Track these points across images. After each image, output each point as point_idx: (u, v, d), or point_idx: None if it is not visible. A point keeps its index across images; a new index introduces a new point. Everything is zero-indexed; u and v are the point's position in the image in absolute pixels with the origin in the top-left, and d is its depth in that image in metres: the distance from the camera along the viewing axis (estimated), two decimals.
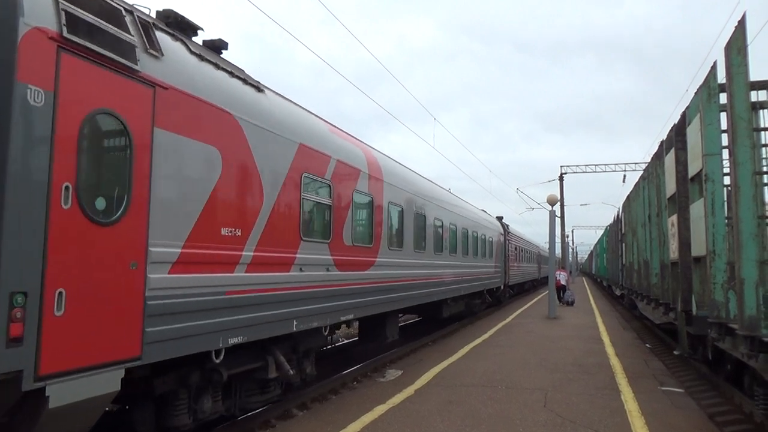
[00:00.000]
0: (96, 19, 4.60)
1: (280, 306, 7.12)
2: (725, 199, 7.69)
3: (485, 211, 25.53)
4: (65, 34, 4.26)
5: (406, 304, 12.49)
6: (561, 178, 49.26)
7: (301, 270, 7.58)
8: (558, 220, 46.02)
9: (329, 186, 8.56)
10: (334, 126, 9.78)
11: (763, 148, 8.54)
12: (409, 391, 9.02)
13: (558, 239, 45.96)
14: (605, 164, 48.14)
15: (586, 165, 48.56)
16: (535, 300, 33.37)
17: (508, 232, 29.39)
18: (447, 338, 16.09)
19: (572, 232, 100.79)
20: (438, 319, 17.08)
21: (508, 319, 21.06)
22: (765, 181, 8.73)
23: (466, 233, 18.68)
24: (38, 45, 4.08)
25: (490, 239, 23.54)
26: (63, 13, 4.28)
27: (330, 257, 8.51)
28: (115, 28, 4.79)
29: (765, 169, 8.52)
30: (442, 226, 15.54)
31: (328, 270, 8.37)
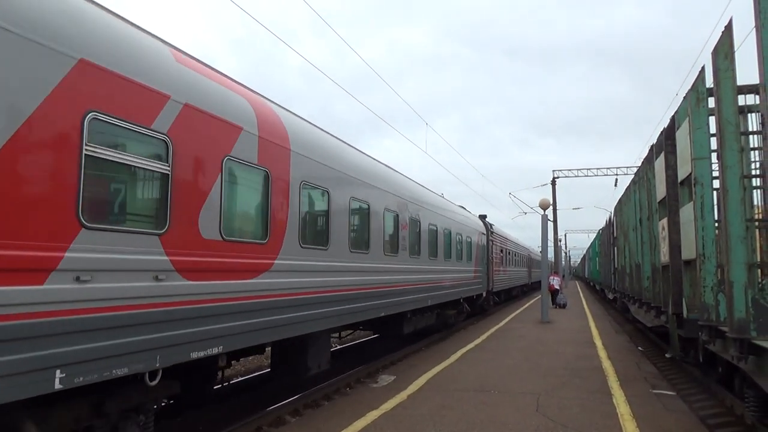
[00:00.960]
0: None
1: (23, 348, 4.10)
2: (714, 202, 7.73)
3: (464, 208, 22.89)
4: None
5: (336, 323, 9.34)
6: (553, 183, 49.49)
7: (78, 280, 4.56)
8: (550, 224, 46.20)
9: (165, 143, 5.58)
10: (192, 57, 6.66)
11: (752, 152, 8.63)
12: (402, 396, 9.00)
13: (551, 243, 46.12)
14: (597, 168, 48.46)
15: (578, 169, 48.89)
16: (528, 305, 33.41)
17: (492, 232, 26.21)
18: (440, 343, 16.08)
19: (565, 236, 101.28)
20: (399, 335, 14.09)
21: (501, 324, 21.07)
22: (754, 184, 8.83)
23: (435, 231, 15.70)
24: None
25: (469, 239, 20.71)
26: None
27: (164, 258, 5.51)
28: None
29: (753, 172, 8.60)
30: (398, 221, 12.49)
31: (158, 279, 5.40)
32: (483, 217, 26.25)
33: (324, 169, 8.96)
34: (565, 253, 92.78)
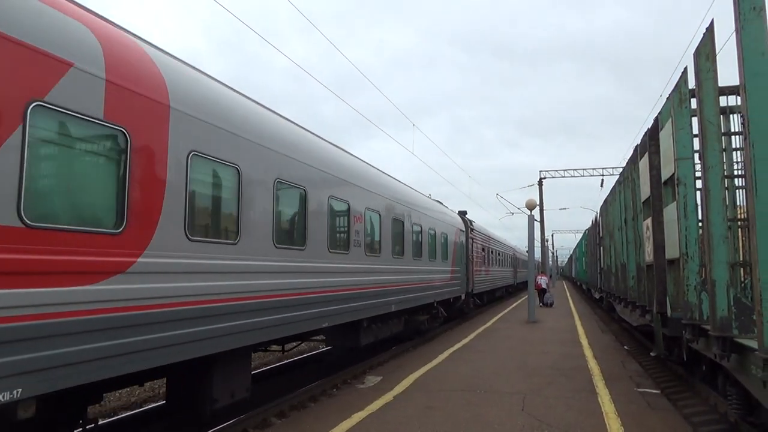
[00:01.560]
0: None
1: None
2: (697, 202, 7.80)
3: (441, 203, 20.90)
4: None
5: (249, 341, 7.07)
6: (540, 183, 49.74)
7: None
8: (537, 225, 46.42)
9: None
10: None
11: (734, 152, 8.72)
12: (388, 397, 8.99)
13: (538, 243, 46.33)
14: (583, 169, 48.76)
15: (564, 170, 49.18)
16: (515, 305, 33.54)
17: (473, 230, 24.24)
18: (427, 344, 16.09)
19: (552, 236, 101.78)
20: (356, 347, 11.92)
21: (489, 324, 21.13)
22: (737, 184, 8.92)
23: (401, 226, 13.72)
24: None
25: (444, 236, 18.64)
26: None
27: None
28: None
29: (735, 172, 8.69)
30: (350, 212, 10.44)
31: None
32: (462, 214, 24.14)
33: (231, 138, 6.92)
34: (552, 253, 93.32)
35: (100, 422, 8.14)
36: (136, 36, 6.05)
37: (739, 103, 8.29)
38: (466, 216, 24.35)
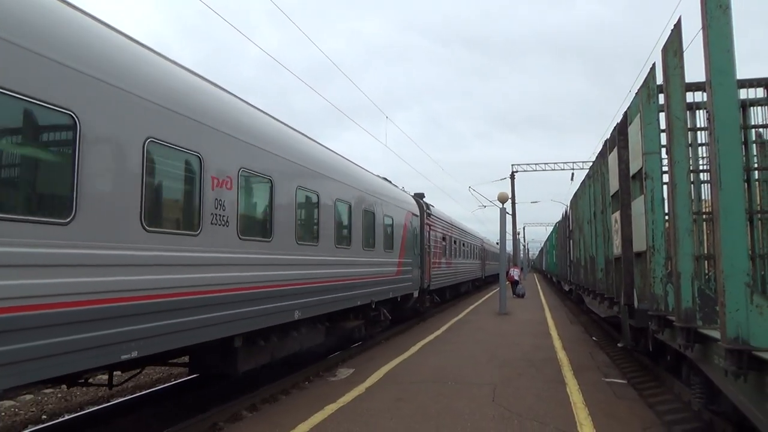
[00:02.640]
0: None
1: None
2: (664, 196, 7.95)
3: (389, 181, 17.28)
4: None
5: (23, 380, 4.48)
6: (512, 177, 50.21)
7: None
8: (509, 218, 46.87)
9: None
10: None
11: (700, 147, 8.91)
12: (360, 389, 9.00)
13: (510, 236, 46.82)
14: (555, 163, 49.41)
15: (536, 164, 49.73)
16: (487, 296, 33.86)
17: (430, 215, 20.84)
18: (399, 336, 16.15)
19: (524, 229, 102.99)
20: (231, 375, 8.48)
21: (460, 316, 21.29)
22: (702, 178, 9.13)
23: (312, 203, 10.11)
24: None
25: (389, 221, 15.07)
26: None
27: None
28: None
29: (700, 167, 8.89)
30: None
31: None
32: (419, 197, 20.67)
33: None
34: (524, 246, 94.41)
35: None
36: None
37: (704, 99, 8.47)
38: (424, 199, 20.96)
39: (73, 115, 5.00)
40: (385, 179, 16.83)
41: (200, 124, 6.81)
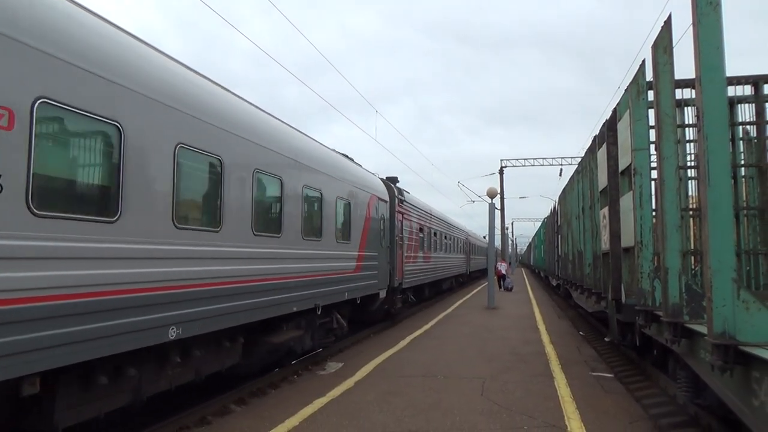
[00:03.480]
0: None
1: None
2: (652, 192, 8.01)
3: (350, 158, 14.15)
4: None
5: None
6: (501, 172, 50.41)
7: None
8: (498, 213, 47.06)
9: None
10: None
11: (687, 144, 8.98)
12: (349, 383, 9.01)
13: (498, 231, 47.00)
14: (543, 158, 49.67)
15: (525, 159, 49.96)
16: (475, 291, 34.00)
17: (403, 202, 18.21)
18: (388, 330, 16.18)
19: (512, 224, 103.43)
20: None
21: (449, 310, 21.37)
22: (690, 175, 9.20)
23: (229, 178, 7.55)
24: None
25: (345, 205, 12.18)
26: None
27: None
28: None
29: (689, 163, 8.96)
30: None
31: None
32: (392, 181, 17.89)
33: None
34: (512, 241, 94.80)
35: None
36: None
37: (693, 95, 8.53)
38: (397, 185, 18.28)
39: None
40: (345, 156, 13.74)
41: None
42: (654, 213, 7.85)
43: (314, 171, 10.47)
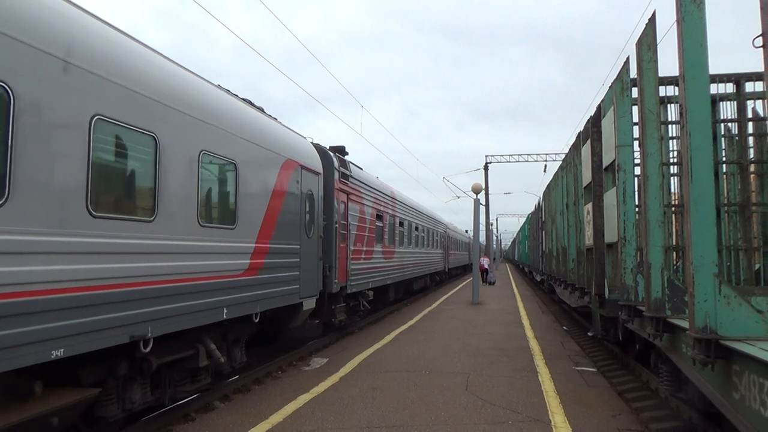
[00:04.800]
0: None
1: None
2: (636, 188, 8.07)
3: (261, 109, 9.99)
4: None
5: None
6: (486, 168, 50.51)
7: None
8: (483, 209, 47.21)
9: None
10: None
11: (671, 141, 9.06)
12: (334, 378, 9.00)
13: (483, 226, 47.15)
14: (528, 154, 49.82)
15: (510, 155, 50.09)
16: (459, 287, 34.13)
17: (349, 177, 13.93)
18: (373, 325, 16.18)
19: (497, 219, 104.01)
20: None
21: (434, 306, 21.43)
22: (672, 171, 9.29)
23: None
24: None
25: (229, 169, 8.07)
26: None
27: None
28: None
29: (672, 160, 9.04)
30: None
31: None
32: (335, 151, 13.55)
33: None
34: (496, 237, 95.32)
35: None
36: None
37: (676, 93, 8.61)
38: (345, 157, 14.16)
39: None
40: (250, 103, 9.57)
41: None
42: (637, 209, 7.92)
43: (133, 95, 5.96)
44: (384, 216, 17.69)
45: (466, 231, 54.17)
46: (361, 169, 15.67)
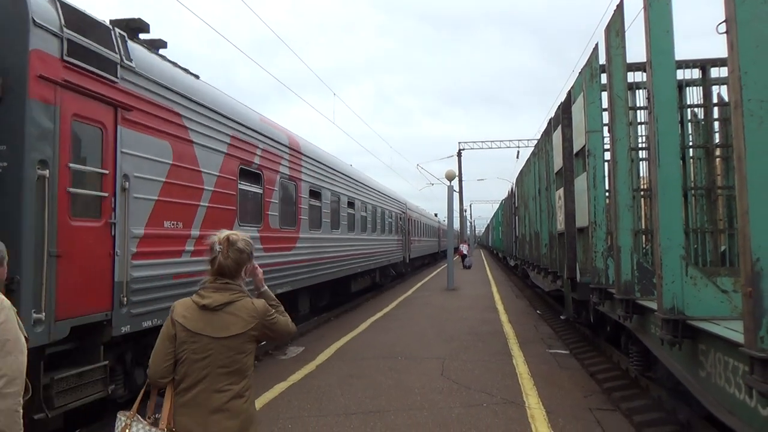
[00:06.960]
0: None
1: None
2: (605, 173, 8.19)
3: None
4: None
5: None
6: (459, 155, 50.76)
7: None
8: (456, 195, 47.44)
9: None
10: None
11: (639, 126, 9.20)
12: (311, 366, 9.01)
13: (457, 213, 47.41)
14: (501, 141, 50.22)
15: (483, 141, 50.42)
16: (434, 273, 34.33)
17: (127, 69, 6.11)
18: (349, 313, 16.22)
19: (470, 206, 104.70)
20: None
21: (409, 293, 21.55)
22: (641, 156, 9.45)
23: None
24: None
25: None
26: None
27: None
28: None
29: (640, 145, 9.19)
30: None
31: None
32: (132, 30, 6.72)
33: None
34: (470, 223, 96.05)
35: None
36: None
37: (644, 79, 8.73)
38: (142, 37, 7.07)
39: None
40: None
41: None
42: (607, 194, 8.05)
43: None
44: (263, 172, 10.10)
45: (436, 215, 52.48)
46: (177, 66, 7.70)
